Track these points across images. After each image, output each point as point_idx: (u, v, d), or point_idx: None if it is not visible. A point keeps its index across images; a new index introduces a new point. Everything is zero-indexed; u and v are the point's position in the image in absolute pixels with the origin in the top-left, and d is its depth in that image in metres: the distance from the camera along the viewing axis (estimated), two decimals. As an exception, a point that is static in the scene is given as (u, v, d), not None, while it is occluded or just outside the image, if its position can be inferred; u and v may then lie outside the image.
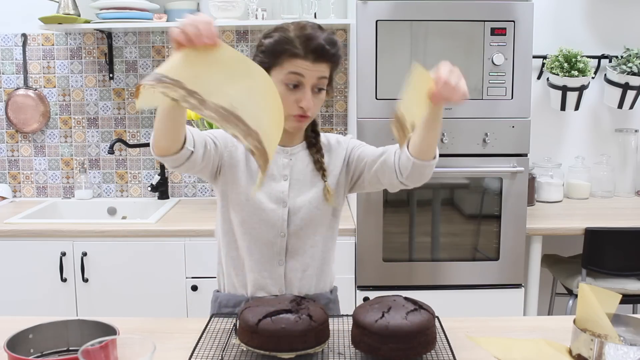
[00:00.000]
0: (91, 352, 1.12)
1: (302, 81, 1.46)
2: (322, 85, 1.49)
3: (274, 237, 1.56)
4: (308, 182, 1.58)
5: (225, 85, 1.23)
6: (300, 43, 1.45)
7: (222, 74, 1.25)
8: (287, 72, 1.46)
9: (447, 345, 1.35)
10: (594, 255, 2.51)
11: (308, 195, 1.57)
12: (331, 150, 1.64)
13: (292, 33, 1.46)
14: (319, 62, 1.46)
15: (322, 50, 1.45)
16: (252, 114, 1.22)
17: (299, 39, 1.45)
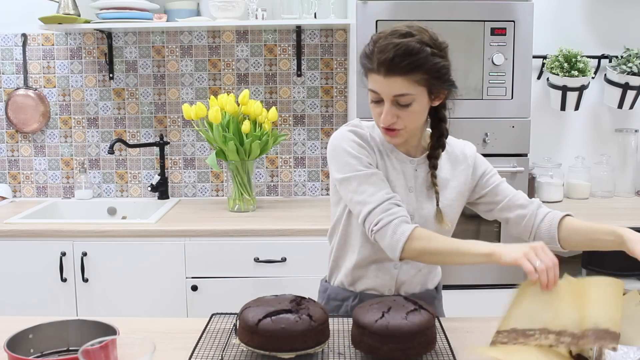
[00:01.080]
0: (91, 352, 1.12)
1: (380, 96, 1.41)
2: (405, 101, 1.39)
3: None
4: (431, 196, 1.54)
5: (576, 309, 1.26)
6: (374, 55, 1.39)
7: (566, 301, 1.27)
8: (368, 88, 1.43)
9: (447, 345, 1.35)
10: (594, 255, 2.50)
11: (431, 210, 1.53)
12: (455, 162, 1.57)
13: (374, 44, 1.40)
14: (391, 77, 1.37)
15: (391, 63, 1.36)
16: (611, 320, 1.24)
17: (374, 51, 1.39)
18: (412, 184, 1.53)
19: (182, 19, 2.83)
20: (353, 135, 1.51)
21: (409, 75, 1.37)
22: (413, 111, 1.41)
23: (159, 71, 3.07)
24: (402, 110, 1.40)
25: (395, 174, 1.53)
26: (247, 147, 2.69)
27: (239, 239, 2.49)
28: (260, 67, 3.05)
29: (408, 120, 1.42)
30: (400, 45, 1.36)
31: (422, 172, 1.55)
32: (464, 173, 1.57)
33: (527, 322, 1.28)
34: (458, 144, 1.61)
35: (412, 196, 1.53)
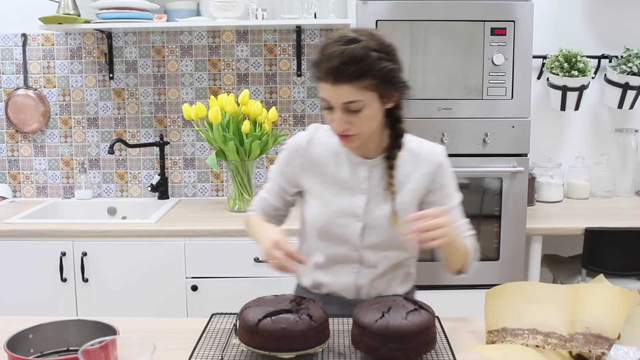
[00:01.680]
0: (91, 352, 1.12)
1: (330, 104, 1.41)
2: (355, 107, 1.39)
3: (349, 251, 1.56)
4: (387, 199, 1.54)
5: (568, 313, 1.29)
6: (322, 64, 1.38)
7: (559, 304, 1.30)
8: (319, 95, 1.44)
9: (447, 345, 1.36)
10: (594, 255, 2.50)
11: (386, 212, 1.53)
12: (418, 164, 1.55)
13: (321, 52, 1.39)
14: (339, 84, 1.36)
15: (337, 71, 1.35)
16: (605, 323, 1.25)
17: (324, 58, 1.38)
18: (365, 186, 1.54)
19: (182, 19, 2.83)
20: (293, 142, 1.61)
21: (357, 82, 1.36)
22: (364, 117, 1.41)
23: (159, 71, 3.06)
24: (353, 116, 1.40)
25: (347, 176, 1.55)
26: (247, 147, 2.69)
27: (239, 239, 2.49)
28: (260, 67, 3.05)
29: (360, 125, 1.42)
30: (345, 52, 1.34)
31: (377, 174, 1.54)
32: (425, 178, 1.55)
33: (518, 322, 1.30)
34: (426, 147, 1.58)
35: (364, 198, 1.53)
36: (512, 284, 1.36)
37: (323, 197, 1.56)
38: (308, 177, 1.59)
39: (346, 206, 1.54)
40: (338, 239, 1.56)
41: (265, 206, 1.67)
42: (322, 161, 1.58)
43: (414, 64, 2.45)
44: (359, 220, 1.54)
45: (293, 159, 1.60)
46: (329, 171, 1.57)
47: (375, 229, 1.54)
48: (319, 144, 1.59)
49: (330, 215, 1.55)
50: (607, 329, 1.24)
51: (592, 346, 1.23)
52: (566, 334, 1.27)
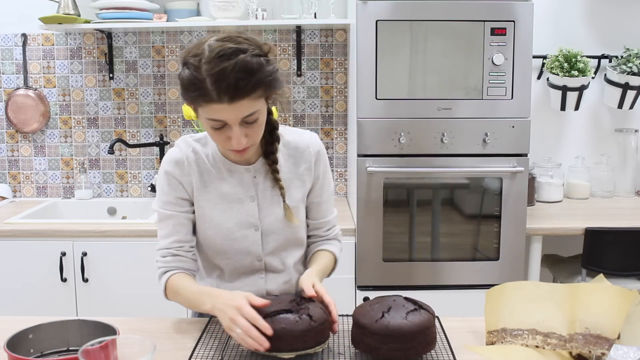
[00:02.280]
0: (91, 352, 1.12)
1: (224, 123, 1.31)
2: (252, 119, 1.32)
3: (250, 261, 1.52)
4: (276, 199, 1.50)
5: (567, 313, 1.29)
6: (210, 84, 1.26)
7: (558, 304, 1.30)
8: (207, 117, 1.31)
9: (447, 345, 1.36)
10: (594, 255, 2.50)
11: (279, 212, 1.50)
12: (298, 159, 1.52)
13: (203, 70, 1.26)
14: (237, 101, 1.27)
15: (235, 88, 1.25)
16: (605, 323, 1.25)
17: (209, 79, 1.26)
18: (252, 192, 1.49)
19: (182, 19, 2.83)
20: (169, 165, 1.47)
21: (253, 94, 1.29)
22: (259, 125, 1.36)
23: (159, 71, 3.06)
24: (250, 128, 1.34)
25: (232, 187, 1.48)
26: (247, 147, 2.69)
27: (239, 239, 2.48)
28: (260, 67, 3.05)
29: (256, 134, 1.37)
30: (238, 67, 1.26)
31: (262, 177, 1.50)
32: (308, 173, 1.53)
33: (517, 323, 1.30)
34: (302, 139, 1.53)
35: (254, 205, 1.49)
36: (511, 284, 1.36)
37: (214, 214, 1.48)
38: (195, 195, 1.48)
39: (239, 217, 1.48)
40: (239, 252, 1.50)
41: (177, 251, 1.48)
42: (203, 177, 1.48)
43: (414, 64, 2.45)
44: (256, 229, 1.49)
45: (179, 179, 1.47)
46: (212, 186, 1.48)
47: (273, 234, 1.51)
48: (195, 159, 1.48)
49: (225, 231, 1.48)
50: (607, 329, 1.24)
51: (592, 346, 1.23)
52: (566, 334, 1.27)
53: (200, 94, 1.28)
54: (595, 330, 1.24)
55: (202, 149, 1.49)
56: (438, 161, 2.48)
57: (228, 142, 1.34)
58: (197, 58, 1.28)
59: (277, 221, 1.50)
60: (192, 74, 1.28)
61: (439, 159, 2.48)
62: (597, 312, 1.25)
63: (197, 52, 1.30)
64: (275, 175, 1.48)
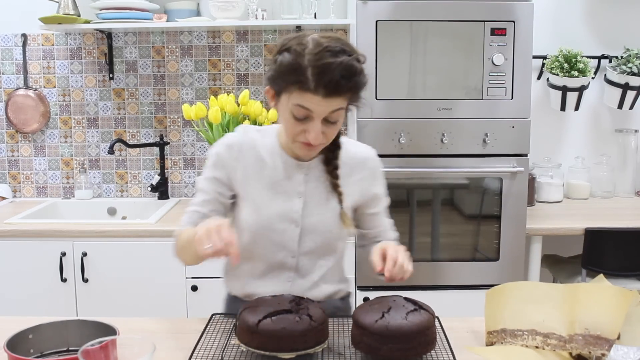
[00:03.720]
0: (91, 353, 1.12)
1: (311, 115, 1.33)
2: (335, 118, 1.35)
3: (284, 257, 1.51)
4: (324, 200, 1.50)
5: (567, 313, 1.29)
6: (312, 74, 1.28)
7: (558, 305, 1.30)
8: (295, 104, 1.33)
9: (447, 345, 1.35)
10: (594, 256, 2.50)
11: (324, 215, 1.50)
12: (353, 167, 1.53)
13: (307, 59, 1.29)
14: (332, 97, 1.31)
15: (336, 85, 1.29)
16: (604, 324, 1.25)
17: (312, 70, 1.28)
18: (301, 189, 1.49)
19: (182, 19, 2.83)
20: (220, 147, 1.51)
21: (346, 95, 1.33)
22: (337, 126, 1.39)
23: (159, 71, 3.07)
24: (328, 127, 1.36)
25: (282, 180, 1.50)
26: (247, 147, 2.69)
27: (239, 239, 2.48)
28: (260, 67, 3.05)
29: (331, 135, 1.39)
30: (343, 66, 1.29)
31: (314, 177, 1.51)
32: (360, 184, 1.54)
33: (517, 323, 1.30)
34: (360, 151, 1.56)
35: (300, 202, 1.49)
36: (510, 284, 1.36)
37: (258, 201, 1.49)
38: (242, 180, 1.50)
39: (283, 211, 1.48)
40: (275, 244, 1.50)
41: (197, 220, 1.49)
42: (255, 164, 1.50)
43: (414, 64, 2.45)
44: (296, 226, 1.49)
45: (225, 162, 1.50)
46: (263, 174, 1.50)
47: (312, 234, 1.50)
48: (251, 147, 1.51)
49: (266, 220, 1.48)
50: (606, 329, 1.23)
51: (591, 347, 1.23)
52: (565, 334, 1.27)
53: (297, 80, 1.30)
54: (595, 331, 1.24)
55: (261, 138, 1.52)
56: (438, 161, 2.48)
57: (303, 134, 1.36)
58: (302, 47, 1.31)
59: (319, 223, 1.50)
60: (295, 59, 1.30)
61: (439, 159, 2.48)
62: (596, 312, 1.25)
63: (301, 42, 1.33)
64: (335, 180, 1.49)
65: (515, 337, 1.30)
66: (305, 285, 1.55)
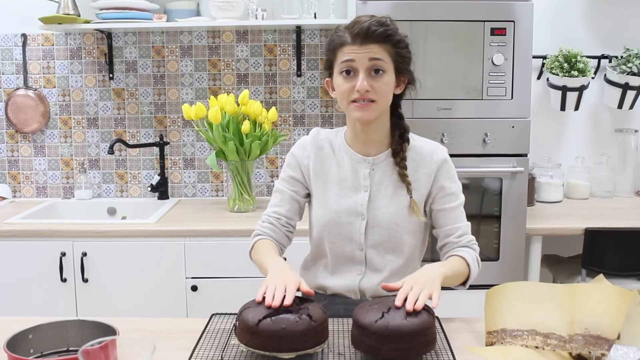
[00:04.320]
0: (91, 353, 1.12)
1: (354, 66, 1.47)
2: (378, 66, 1.47)
3: (352, 250, 1.57)
4: (390, 194, 1.56)
5: (567, 313, 1.28)
6: (347, 30, 1.48)
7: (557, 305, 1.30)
8: (340, 62, 1.48)
9: (447, 345, 1.35)
10: (594, 255, 2.50)
11: (389, 208, 1.55)
12: (420, 162, 1.57)
13: (345, 26, 1.50)
14: (367, 44, 1.46)
15: (367, 31, 1.45)
16: (604, 324, 1.25)
17: (347, 28, 1.49)
18: (367, 183, 1.56)
19: (182, 19, 2.83)
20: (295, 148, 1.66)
21: (383, 44, 1.47)
22: (385, 82, 1.48)
23: (159, 71, 3.07)
24: (375, 80, 1.47)
25: (349, 175, 1.58)
26: (247, 147, 2.69)
27: (239, 239, 2.49)
28: (260, 67, 3.05)
29: (380, 92, 1.48)
30: (373, 18, 1.48)
31: (380, 171, 1.57)
32: (427, 178, 1.57)
33: (517, 323, 1.30)
34: (428, 146, 1.60)
35: (366, 196, 1.56)
36: (511, 284, 1.37)
37: (326, 197, 1.59)
38: (313, 178, 1.62)
39: (348, 204, 1.56)
40: (343, 237, 1.57)
41: (274, 221, 1.63)
42: (324, 162, 1.61)
43: (413, 64, 2.45)
44: (362, 219, 1.55)
45: (299, 161, 1.63)
46: (331, 171, 1.60)
47: (378, 227, 1.55)
48: (320, 146, 1.63)
49: (333, 214, 1.57)
50: (606, 329, 1.23)
51: (591, 347, 1.23)
52: (565, 334, 1.27)
53: (338, 41, 1.49)
54: (595, 331, 1.24)
55: (332, 137, 1.64)
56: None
57: (353, 92, 1.47)
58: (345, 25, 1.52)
59: (385, 216, 1.55)
60: (336, 32, 1.52)
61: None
62: (596, 312, 1.25)
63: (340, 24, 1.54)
64: (403, 171, 1.54)
65: (515, 337, 1.30)
66: (375, 279, 1.58)
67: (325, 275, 1.63)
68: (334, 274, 1.62)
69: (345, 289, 1.60)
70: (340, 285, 1.60)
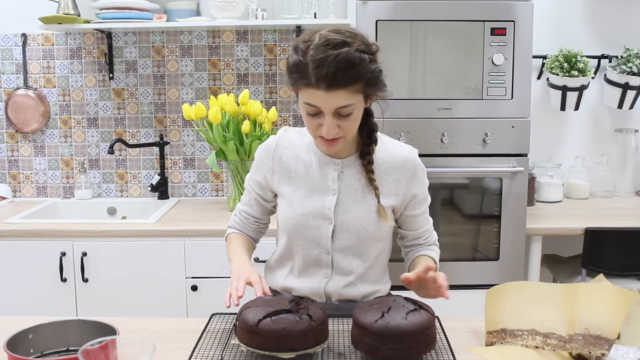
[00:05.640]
0: (91, 352, 1.12)
1: (320, 110, 1.37)
2: (346, 111, 1.37)
3: (319, 254, 1.55)
4: (359, 198, 1.52)
5: (567, 313, 1.29)
6: (312, 69, 1.32)
7: (557, 305, 1.30)
8: (304, 101, 1.38)
9: (447, 345, 1.35)
10: (594, 255, 2.50)
11: (358, 212, 1.52)
12: (392, 167, 1.53)
13: (309, 55, 1.33)
14: (333, 91, 1.33)
15: (333, 78, 1.31)
16: (604, 324, 1.25)
17: (312, 64, 1.32)
18: (335, 186, 1.52)
19: (182, 19, 2.83)
20: (259, 149, 1.61)
21: (350, 87, 1.34)
22: (353, 119, 1.40)
23: (159, 71, 3.06)
24: (342, 120, 1.38)
25: (317, 177, 1.54)
26: (247, 147, 2.69)
27: (239, 239, 2.49)
28: (260, 67, 3.05)
29: (348, 128, 1.41)
30: (339, 57, 1.31)
31: (349, 174, 1.53)
32: (398, 184, 1.54)
33: (517, 323, 1.30)
34: (398, 150, 1.55)
35: (333, 199, 1.52)
36: (511, 284, 1.36)
37: (292, 199, 1.54)
38: (278, 180, 1.57)
39: (316, 207, 1.52)
40: (310, 241, 1.54)
41: (244, 220, 1.67)
42: (291, 163, 1.56)
43: (414, 64, 2.45)
44: (329, 223, 1.52)
45: (263, 163, 1.59)
46: (298, 173, 1.55)
47: (346, 231, 1.52)
48: (287, 146, 1.57)
49: (300, 217, 1.53)
50: (606, 329, 1.23)
51: (591, 347, 1.23)
52: (565, 334, 1.27)
53: (301, 76, 1.35)
54: (595, 331, 1.24)
55: (299, 138, 1.58)
56: (438, 161, 2.48)
57: (319, 129, 1.40)
58: (307, 44, 1.35)
59: (353, 220, 1.51)
60: (299, 58, 1.35)
61: (438, 159, 2.48)
62: (596, 312, 1.25)
63: (308, 39, 1.37)
64: (370, 175, 1.50)
65: (515, 337, 1.30)
66: (340, 283, 1.57)
67: (291, 277, 1.60)
68: (300, 276, 1.59)
69: (311, 291, 1.57)
70: (306, 287, 1.57)
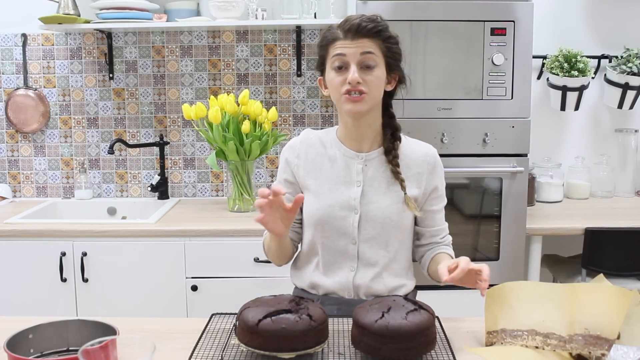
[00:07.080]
0: (91, 352, 1.12)
1: (346, 60, 1.50)
2: (369, 61, 1.50)
3: (345, 244, 1.59)
4: (383, 189, 1.58)
5: (566, 313, 1.29)
6: (338, 27, 1.53)
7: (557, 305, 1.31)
8: (332, 56, 1.52)
9: (447, 345, 1.36)
10: (594, 255, 2.50)
11: (382, 202, 1.57)
12: (411, 161, 1.61)
13: (335, 24, 1.55)
14: (359, 39, 1.50)
15: (359, 26, 1.50)
16: (604, 324, 1.25)
17: (339, 25, 1.53)
18: (359, 178, 1.59)
19: (182, 19, 2.83)
20: (285, 150, 1.68)
21: (374, 38, 1.51)
22: (376, 76, 1.51)
23: (159, 71, 3.07)
24: (366, 73, 1.50)
25: (341, 170, 1.60)
26: (247, 147, 2.69)
27: (239, 239, 2.49)
28: (260, 67, 3.05)
29: (372, 84, 1.51)
30: (362, 16, 1.53)
31: (372, 168, 1.59)
32: (418, 178, 1.60)
33: (516, 324, 1.30)
34: (419, 146, 1.65)
35: (358, 190, 1.58)
36: (510, 284, 1.37)
37: (319, 192, 1.60)
38: (305, 176, 1.63)
39: (341, 198, 1.58)
40: (336, 232, 1.58)
41: None
42: (316, 160, 1.63)
43: (414, 64, 2.45)
44: (355, 212, 1.57)
45: (289, 163, 1.66)
46: (323, 167, 1.62)
47: (371, 221, 1.57)
48: (312, 144, 1.65)
49: (326, 208, 1.58)
50: (606, 329, 1.24)
51: (591, 347, 1.23)
52: (565, 334, 1.27)
53: (330, 37, 1.54)
54: (595, 331, 1.24)
55: (323, 135, 1.67)
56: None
57: (345, 84, 1.50)
58: (335, 25, 1.56)
59: (377, 210, 1.57)
60: (328, 30, 1.56)
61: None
62: (596, 312, 1.25)
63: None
64: (396, 168, 1.57)
65: (514, 337, 1.30)
66: (368, 275, 1.59)
67: (317, 273, 1.64)
68: (326, 272, 1.62)
69: (339, 286, 1.60)
70: (334, 283, 1.61)
